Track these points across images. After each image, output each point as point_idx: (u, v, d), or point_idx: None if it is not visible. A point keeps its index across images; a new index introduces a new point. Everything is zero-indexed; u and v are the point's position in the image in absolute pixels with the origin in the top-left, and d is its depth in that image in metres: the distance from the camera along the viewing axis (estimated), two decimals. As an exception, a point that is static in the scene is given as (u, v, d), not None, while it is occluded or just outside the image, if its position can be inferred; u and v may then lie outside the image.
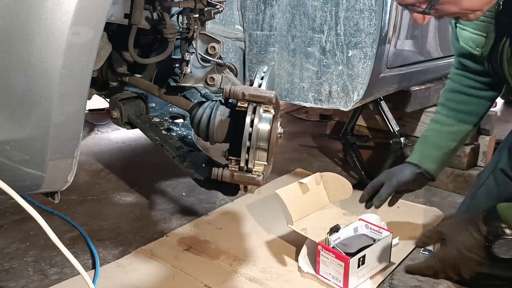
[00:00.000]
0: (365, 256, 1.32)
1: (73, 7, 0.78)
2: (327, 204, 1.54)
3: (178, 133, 1.47)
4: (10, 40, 0.75)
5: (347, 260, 1.27)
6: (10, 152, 0.80)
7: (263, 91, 1.09)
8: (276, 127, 1.13)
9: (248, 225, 1.69)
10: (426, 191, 2.05)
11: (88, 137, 2.70)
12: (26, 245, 1.51)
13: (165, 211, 1.80)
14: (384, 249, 1.38)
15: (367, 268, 1.34)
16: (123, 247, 1.52)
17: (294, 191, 1.46)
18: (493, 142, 2.10)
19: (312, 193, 1.49)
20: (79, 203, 1.85)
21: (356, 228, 1.44)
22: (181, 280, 1.35)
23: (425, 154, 1.45)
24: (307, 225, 1.42)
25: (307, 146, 2.71)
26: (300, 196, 1.47)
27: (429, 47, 1.93)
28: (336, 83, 1.50)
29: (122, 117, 1.41)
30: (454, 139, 1.45)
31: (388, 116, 2.02)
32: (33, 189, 0.92)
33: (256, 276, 1.38)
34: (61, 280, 1.34)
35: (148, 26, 1.24)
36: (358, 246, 1.35)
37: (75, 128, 0.87)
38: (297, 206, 1.45)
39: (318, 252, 1.34)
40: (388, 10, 1.47)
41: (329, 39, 1.48)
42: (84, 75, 0.84)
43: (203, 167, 1.37)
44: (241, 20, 1.60)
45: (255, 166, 1.11)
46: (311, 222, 1.45)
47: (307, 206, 1.48)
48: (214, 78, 1.22)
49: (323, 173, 1.52)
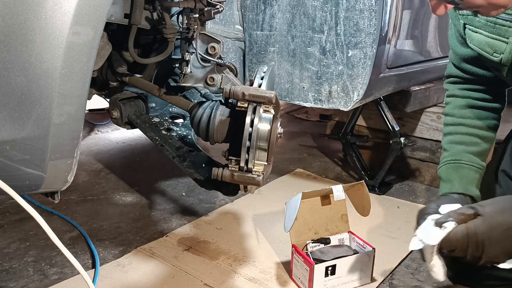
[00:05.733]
0: (336, 266, 1.27)
1: (73, 7, 0.78)
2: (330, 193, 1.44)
3: (178, 133, 1.47)
4: (10, 40, 0.75)
5: (311, 266, 1.24)
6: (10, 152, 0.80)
7: (263, 91, 1.09)
8: (276, 127, 1.13)
9: (248, 225, 1.69)
10: (426, 191, 2.05)
11: (88, 137, 2.70)
12: (26, 245, 1.51)
13: (165, 211, 1.80)
14: (363, 264, 1.32)
15: (338, 280, 1.29)
16: (123, 247, 1.52)
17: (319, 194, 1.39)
18: (493, 142, 2.10)
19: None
20: (79, 203, 1.85)
21: (342, 239, 1.42)
22: (181, 279, 1.35)
23: (466, 180, 1.22)
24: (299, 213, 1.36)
25: (307, 146, 2.71)
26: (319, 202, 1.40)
27: (429, 47, 1.93)
28: (336, 83, 1.50)
29: (122, 117, 1.41)
30: (484, 159, 1.26)
31: (388, 116, 2.02)
32: (33, 189, 0.91)
33: (255, 277, 1.38)
34: (61, 280, 1.34)
35: (148, 26, 1.24)
36: (335, 255, 1.30)
37: (75, 128, 0.87)
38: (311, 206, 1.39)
39: (292, 255, 1.33)
40: (388, 10, 1.46)
41: (329, 39, 1.47)
42: (84, 75, 0.84)
43: (203, 167, 1.36)
44: (241, 20, 1.60)
45: (255, 166, 1.11)
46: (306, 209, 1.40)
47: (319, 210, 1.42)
48: (214, 78, 1.22)
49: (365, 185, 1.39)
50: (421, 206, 1.86)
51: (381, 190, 2.05)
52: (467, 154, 1.26)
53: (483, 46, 1.16)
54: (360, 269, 1.32)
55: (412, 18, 1.71)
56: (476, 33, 1.17)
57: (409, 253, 1.51)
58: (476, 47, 1.18)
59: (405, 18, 1.61)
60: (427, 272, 1.43)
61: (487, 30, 1.13)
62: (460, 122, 1.29)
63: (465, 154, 1.26)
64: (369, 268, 1.34)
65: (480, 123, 1.28)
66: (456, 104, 1.32)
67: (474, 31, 1.18)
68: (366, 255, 1.32)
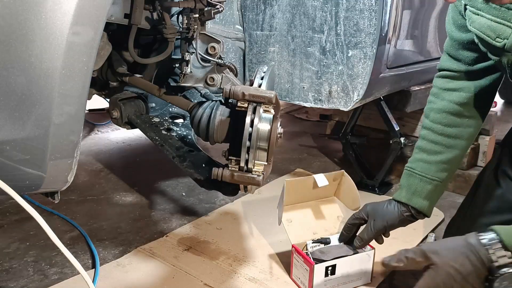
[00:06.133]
0: (336, 266, 1.27)
1: (73, 7, 0.78)
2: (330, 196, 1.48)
3: (178, 133, 1.47)
4: (10, 40, 0.75)
5: (311, 266, 1.24)
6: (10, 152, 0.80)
7: (263, 91, 1.09)
8: (276, 127, 1.13)
9: (248, 225, 1.69)
10: (426, 191, 2.05)
11: (88, 137, 2.70)
12: (26, 245, 1.51)
13: (165, 211, 1.80)
14: (362, 264, 1.32)
15: (338, 280, 1.29)
16: (123, 247, 1.52)
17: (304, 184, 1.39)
18: (493, 142, 2.10)
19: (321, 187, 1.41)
20: (79, 203, 1.85)
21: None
22: (181, 279, 1.35)
23: (414, 190, 1.24)
24: (296, 216, 1.39)
25: (307, 146, 2.71)
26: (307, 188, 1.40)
27: (429, 47, 1.93)
28: (336, 83, 1.50)
29: (122, 117, 1.41)
30: (445, 169, 1.25)
31: (388, 116, 2.02)
32: (33, 189, 0.91)
33: (255, 277, 1.38)
34: (61, 280, 1.34)
35: (148, 26, 1.24)
36: (335, 255, 1.30)
37: (75, 128, 0.87)
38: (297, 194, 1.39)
39: (292, 255, 1.33)
40: (388, 10, 1.46)
41: (329, 39, 1.47)
42: (84, 75, 0.84)
43: (203, 167, 1.37)
44: (241, 20, 1.60)
45: (255, 166, 1.11)
46: (301, 213, 1.41)
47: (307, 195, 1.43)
48: (214, 78, 1.22)
49: (346, 174, 1.43)
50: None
51: (381, 190, 2.05)
52: (422, 164, 1.25)
53: (484, 29, 1.07)
54: (360, 269, 1.32)
55: (412, 18, 1.71)
56: (477, 15, 1.08)
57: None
58: (476, 30, 1.09)
59: (405, 18, 1.61)
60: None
61: (491, 13, 1.05)
62: (431, 127, 1.26)
63: (421, 163, 1.26)
64: (369, 268, 1.34)
65: (450, 130, 1.24)
66: (433, 106, 1.27)
67: (475, 13, 1.09)
68: (366, 255, 1.32)
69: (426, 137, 1.27)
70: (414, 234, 1.63)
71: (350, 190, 1.43)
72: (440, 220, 1.75)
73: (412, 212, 1.25)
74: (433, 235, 1.62)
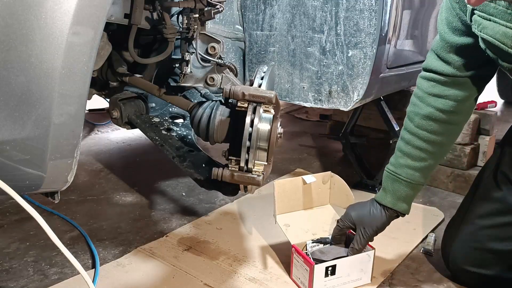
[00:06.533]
0: (336, 266, 1.27)
1: (73, 7, 0.78)
2: (325, 204, 1.50)
3: (178, 133, 1.47)
4: (10, 40, 0.75)
5: (311, 266, 1.24)
6: (10, 152, 0.80)
7: (263, 91, 1.09)
8: (276, 127, 1.13)
9: (248, 225, 1.69)
10: (426, 191, 2.05)
11: (88, 137, 2.70)
12: (26, 245, 1.51)
13: (165, 211, 1.80)
14: (362, 264, 1.32)
15: (338, 280, 1.29)
16: (123, 247, 1.52)
17: (294, 184, 1.41)
18: (493, 142, 2.10)
19: (313, 190, 1.45)
20: (79, 203, 1.85)
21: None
22: (181, 279, 1.35)
23: (399, 195, 1.27)
24: (293, 221, 1.40)
25: (307, 146, 2.71)
26: (298, 191, 1.42)
27: (429, 47, 1.93)
28: (336, 83, 1.50)
29: (122, 117, 1.41)
30: (428, 173, 1.29)
31: (388, 116, 2.02)
32: (33, 189, 0.91)
33: (256, 277, 1.38)
34: (61, 280, 1.34)
35: (148, 26, 1.24)
36: (335, 255, 1.30)
37: (75, 128, 0.87)
38: (290, 199, 1.41)
39: (292, 255, 1.33)
40: (388, 10, 1.47)
41: (329, 39, 1.47)
42: (84, 75, 0.84)
43: (203, 167, 1.37)
44: (241, 20, 1.61)
45: (255, 166, 1.11)
46: (298, 218, 1.42)
47: (301, 200, 1.44)
48: (214, 78, 1.22)
49: (334, 174, 1.46)
50: (420, 206, 1.87)
51: (381, 190, 2.05)
52: (407, 170, 1.27)
53: (499, 36, 1.00)
54: (360, 269, 1.32)
55: (412, 18, 1.71)
56: (490, 21, 1.01)
57: (409, 253, 1.51)
58: (489, 36, 1.02)
59: (405, 18, 1.61)
60: (427, 272, 1.43)
61: (505, 18, 0.98)
62: (416, 133, 1.25)
63: (406, 169, 1.27)
64: (369, 268, 1.33)
65: (435, 138, 1.24)
66: (418, 111, 1.25)
67: (486, 19, 1.02)
68: (366, 255, 1.32)
69: (411, 143, 1.26)
70: (414, 234, 1.63)
71: (341, 189, 1.46)
72: (440, 220, 1.75)
73: (396, 214, 1.30)
74: (433, 235, 1.62)
